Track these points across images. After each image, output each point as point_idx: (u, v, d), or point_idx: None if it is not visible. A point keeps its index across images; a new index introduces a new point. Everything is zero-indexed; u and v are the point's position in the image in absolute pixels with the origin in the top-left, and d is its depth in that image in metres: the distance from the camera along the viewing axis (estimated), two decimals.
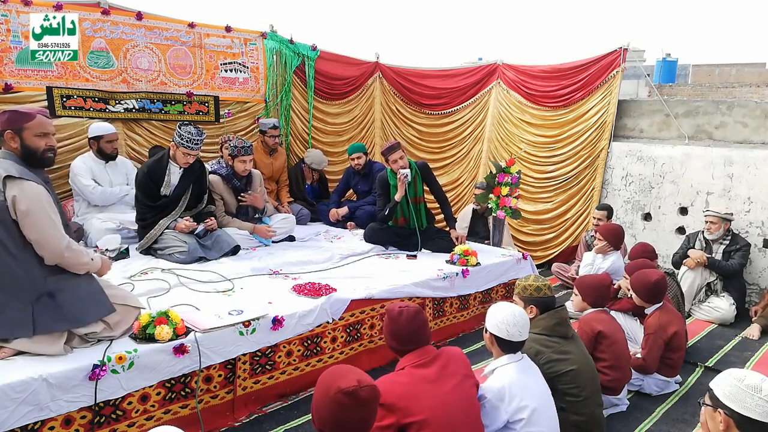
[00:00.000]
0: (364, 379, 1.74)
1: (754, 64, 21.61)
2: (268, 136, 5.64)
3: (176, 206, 4.22)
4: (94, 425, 2.47)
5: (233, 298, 3.39)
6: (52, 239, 2.44)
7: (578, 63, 5.83)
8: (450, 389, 2.15)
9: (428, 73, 6.91)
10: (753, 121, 5.24)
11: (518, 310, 2.44)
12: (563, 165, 5.98)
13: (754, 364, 3.92)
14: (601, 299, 3.26)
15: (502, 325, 2.38)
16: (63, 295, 2.49)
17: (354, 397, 1.68)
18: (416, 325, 2.22)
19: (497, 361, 2.45)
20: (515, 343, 2.39)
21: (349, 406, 1.69)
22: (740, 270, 4.81)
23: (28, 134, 2.49)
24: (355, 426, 1.74)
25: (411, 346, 2.23)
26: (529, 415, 2.26)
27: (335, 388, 1.70)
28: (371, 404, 1.75)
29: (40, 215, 2.40)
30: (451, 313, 4.29)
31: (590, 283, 3.30)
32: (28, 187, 2.39)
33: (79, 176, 4.49)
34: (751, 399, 1.60)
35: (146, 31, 5.08)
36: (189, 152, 4.10)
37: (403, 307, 2.27)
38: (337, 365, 1.90)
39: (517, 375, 2.35)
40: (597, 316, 3.17)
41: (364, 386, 1.70)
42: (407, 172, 4.53)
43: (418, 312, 2.25)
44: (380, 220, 4.78)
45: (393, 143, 4.63)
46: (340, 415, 1.70)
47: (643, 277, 3.47)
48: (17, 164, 2.43)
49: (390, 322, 2.26)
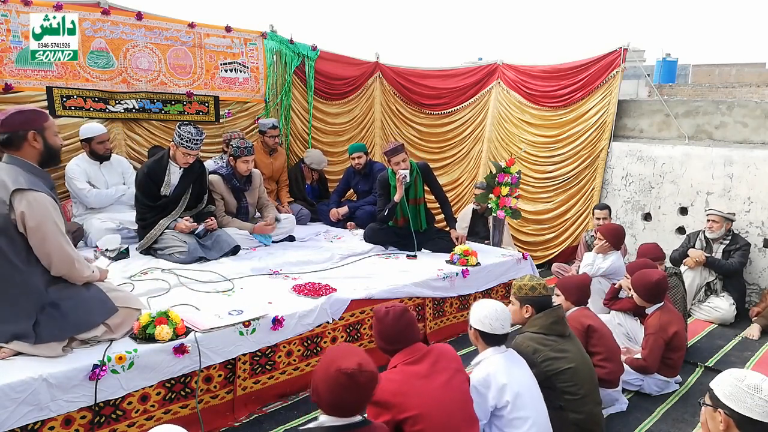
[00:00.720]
0: (366, 362, 1.77)
1: (754, 64, 21.61)
2: (268, 136, 5.64)
3: (176, 206, 4.22)
4: (94, 425, 2.47)
5: (233, 298, 3.39)
6: (62, 253, 2.41)
7: (578, 63, 5.83)
8: (442, 384, 2.19)
9: (428, 73, 6.91)
10: (753, 121, 5.24)
11: (500, 306, 2.52)
12: (563, 165, 5.97)
13: (754, 364, 3.92)
14: (584, 298, 3.31)
15: (486, 319, 2.45)
16: (67, 303, 2.46)
17: (352, 378, 1.71)
18: (402, 324, 2.27)
19: (482, 354, 2.51)
20: (498, 336, 2.47)
21: (346, 386, 1.72)
22: (740, 269, 4.81)
23: (50, 133, 2.47)
24: (348, 406, 1.78)
25: (399, 345, 2.28)
26: (514, 398, 2.30)
27: (335, 366, 1.73)
28: (367, 389, 1.78)
29: (50, 229, 2.36)
30: (451, 313, 4.29)
31: (573, 282, 3.36)
32: (38, 200, 2.34)
33: (74, 180, 4.47)
34: (751, 399, 1.60)
35: (146, 31, 5.08)
36: (189, 152, 4.10)
37: (389, 307, 2.33)
38: (345, 344, 1.91)
39: (501, 363, 2.41)
40: (583, 312, 3.23)
41: (363, 370, 1.73)
42: (406, 173, 4.53)
43: (404, 311, 2.31)
44: (380, 220, 4.78)
45: (397, 145, 4.62)
46: (336, 392, 1.73)
47: (644, 277, 3.48)
48: (25, 172, 2.38)
49: (377, 323, 2.33)
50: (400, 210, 4.68)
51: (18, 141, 2.39)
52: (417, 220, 4.74)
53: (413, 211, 4.69)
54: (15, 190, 2.30)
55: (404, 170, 4.53)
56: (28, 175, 2.38)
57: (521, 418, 2.29)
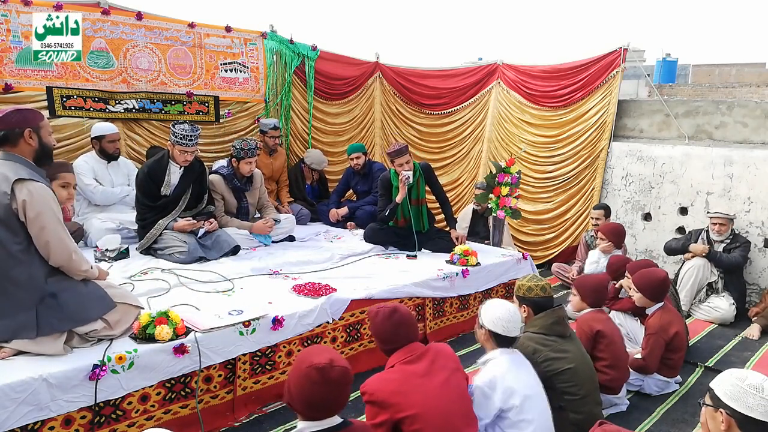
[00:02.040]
0: (337, 359, 1.77)
1: (754, 64, 21.60)
2: (269, 137, 5.65)
3: (176, 206, 4.22)
4: (94, 425, 2.47)
5: (233, 298, 3.39)
6: (60, 243, 2.45)
7: (578, 63, 5.83)
8: (440, 383, 2.19)
9: (428, 73, 6.91)
10: (753, 121, 5.24)
11: (511, 307, 2.51)
12: (563, 165, 5.97)
13: (754, 364, 3.92)
14: (600, 299, 3.28)
15: (500, 321, 2.44)
16: (65, 295, 2.49)
17: (323, 373, 1.72)
18: (394, 323, 2.27)
19: (490, 354, 2.50)
20: (510, 338, 2.46)
21: (318, 382, 1.72)
22: (742, 263, 4.79)
23: (44, 132, 2.52)
24: (321, 405, 1.77)
25: (394, 344, 2.28)
26: (522, 401, 2.29)
27: (307, 362, 1.75)
28: (339, 385, 1.77)
29: (50, 219, 2.41)
30: (451, 313, 4.29)
31: (590, 283, 3.32)
32: (38, 189, 2.39)
33: (81, 175, 4.48)
34: (753, 399, 1.60)
35: (146, 31, 5.07)
36: (185, 149, 4.10)
37: (380, 307, 2.34)
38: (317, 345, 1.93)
39: (508, 366, 2.40)
40: (595, 316, 3.19)
41: (335, 366, 1.74)
42: (409, 174, 4.55)
43: (393, 310, 2.30)
44: (381, 220, 4.78)
45: (401, 146, 4.61)
46: (308, 389, 1.73)
47: (650, 275, 3.46)
48: (24, 166, 2.42)
49: (371, 324, 2.35)
50: (401, 210, 4.68)
51: (14, 138, 2.43)
52: (419, 221, 4.74)
53: (415, 211, 4.69)
54: (17, 180, 2.34)
55: (407, 171, 4.54)
56: (28, 169, 2.42)
57: (526, 420, 2.29)
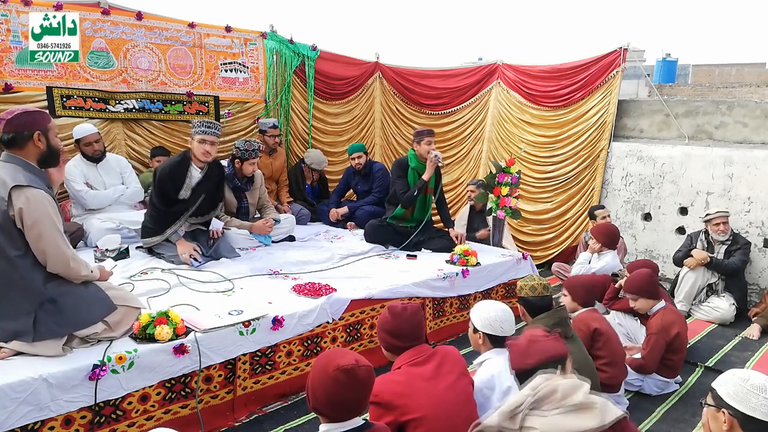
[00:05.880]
0: (361, 359, 1.78)
1: (754, 64, 21.63)
2: (268, 136, 5.65)
3: (187, 212, 4.03)
4: (94, 425, 2.47)
5: (233, 298, 3.39)
6: (57, 250, 2.42)
7: (578, 63, 5.83)
8: (446, 387, 2.18)
9: (428, 73, 6.91)
10: (753, 121, 5.24)
11: (502, 306, 2.53)
12: (563, 165, 5.97)
13: (754, 364, 3.92)
14: (591, 299, 3.31)
15: (495, 323, 2.47)
16: (65, 300, 2.47)
17: (351, 374, 1.71)
18: (416, 322, 2.30)
19: (485, 354, 2.52)
20: (505, 338, 2.47)
21: (346, 384, 1.72)
22: (742, 267, 4.78)
23: (52, 134, 2.51)
24: (349, 406, 1.77)
25: (410, 342, 2.28)
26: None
27: (334, 365, 1.73)
28: (366, 385, 1.79)
29: (47, 227, 2.38)
30: (451, 313, 4.29)
31: (581, 283, 3.36)
32: (36, 196, 2.35)
33: (71, 181, 4.44)
34: (755, 399, 1.60)
35: (146, 31, 5.07)
36: (206, 137, 3.86)
37: (406, 304, 2.37)
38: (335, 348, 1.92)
39: (504, 365, 2.38)
40: (591, 315, 3.22)
41: (361, 365, 1.75)
42: (438, 152, 4.62)
43: (419, 309, 2.35)
44: (405, 201, 4.71)
45: (428, 129, 4.81)
46: (336, 392, 1.73)
47: (636, 278, 3.53)
48: (25, 171, 2.39)
49: (392, 318, 2.30)
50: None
51: (22, 141, 2.42)
52: (423, 210, 4.78)
53: (421, 200, 4.75)
54: (14, 186, 2.32)
55: (435, 151, 4.61)
56: (27, 173, 2.40)
57: None
